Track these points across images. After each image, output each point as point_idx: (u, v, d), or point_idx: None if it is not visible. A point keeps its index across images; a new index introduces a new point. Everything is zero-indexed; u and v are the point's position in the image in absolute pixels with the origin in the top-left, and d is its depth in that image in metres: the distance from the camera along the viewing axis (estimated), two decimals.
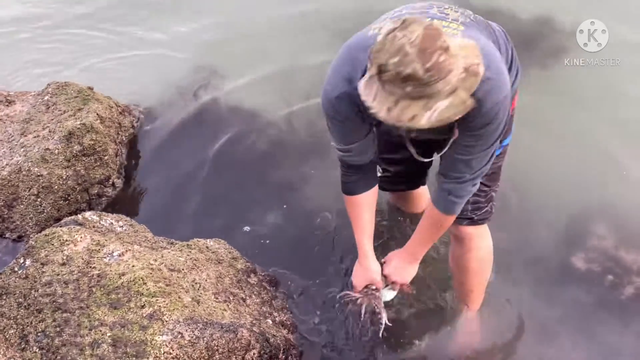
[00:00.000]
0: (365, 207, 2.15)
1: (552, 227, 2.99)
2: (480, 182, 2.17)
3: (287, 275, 2.83)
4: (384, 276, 2.21)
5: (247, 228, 3.06)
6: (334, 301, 2.75)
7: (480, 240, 2.39)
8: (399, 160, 2.41)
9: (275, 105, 3.78)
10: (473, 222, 2.29)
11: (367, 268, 2.17)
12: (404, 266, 2.20)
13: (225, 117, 3.70)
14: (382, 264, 2.22)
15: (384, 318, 2.17)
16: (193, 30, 4.62)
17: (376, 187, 2.20)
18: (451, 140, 1.87)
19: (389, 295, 2.25)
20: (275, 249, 2.97)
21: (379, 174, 2.61)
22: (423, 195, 2.78)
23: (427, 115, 1.46)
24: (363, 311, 2.17)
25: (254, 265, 2.77)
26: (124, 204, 3.16)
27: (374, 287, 2.17)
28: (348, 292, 2.25)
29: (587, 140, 3.43)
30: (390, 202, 3.00)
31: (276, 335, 2.41)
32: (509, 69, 1.99)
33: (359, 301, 2.17)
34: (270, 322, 2.50)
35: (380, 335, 2.22)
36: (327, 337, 2.64)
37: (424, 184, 2.68)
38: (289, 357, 2.46)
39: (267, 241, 3.00)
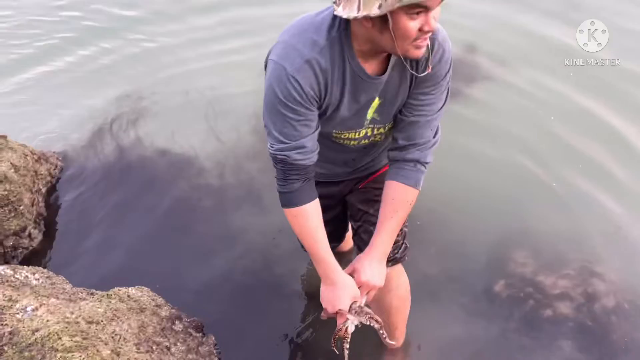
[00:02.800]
0: (317, 218, 1.97)
1: (474, 256, 3.11)
2: None
3: (215, 320, 2.81)
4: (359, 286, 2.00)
5: (172, 275, 3.02)
6: (262, 343, 2.75)
7: (399, 278, 2.41)
8: (328, 222, 2.33)
9: (202, 144, 3.82)
10: (396, 261, 2.30)
11: (345, 285, 1.95)
12: (378, 267, 2.02)
13: (148, 160, 3.70)
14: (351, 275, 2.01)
15: (381, 325, 1.97)
16: (111, 62, 4.71)
17: (318, 199, 2.02)
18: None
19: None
20: (202, 294, 2.96)
21: None
22: (347, 241, 2.81)
23: None
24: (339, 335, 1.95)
25: (179, 312, 2.73)
26: (42, 255, 3.10)
27: (358, 304, 1.95)
28: (339, 327, 1.96)
29: (505, 168, 3.61)
30: None
31: None
32: None
33: (349, 327, 1.94)
34: None
35: (387, 341, 2.11)
36: None
37: (347, 231, 2.70)
38: None
39: (194, 287, 2.99)
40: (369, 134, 1.99)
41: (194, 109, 4.10)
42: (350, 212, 2.40)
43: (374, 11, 1.47)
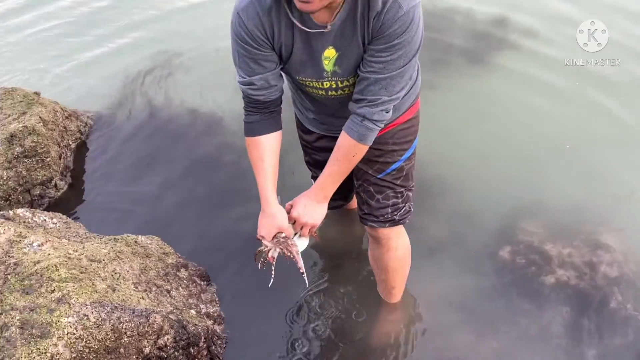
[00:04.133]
0: (267, 149, 2.06)
1: (483, 223, 3.13)
2: (396, 184, 2.29)
3: (222, 271, 2.94)
4: (293, 221, 2.08)
5: (187, 228, 3.15)
6: (264, 293, 2.84)
7: (397, 240, 2.46)
8: None
9: (229, 104, 3.89)
10: (395, 223, 2.37)
11: (272, 215, 2.05)
12: (313, 206, 2.09)
13: (176, 117, 3.83)
14: (288, 211, 2.08)
15: (301, 264, 2.04)
16: (140, 28, 4.83)
17: (279, 134, 2.09)
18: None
19: (301, 244, 2.10)
20: (213, 247, 3.07)
21: None
22: (353, 202, 2.90)
23: None
24: (261, 257, 2.03)
25: (186, 261, 2.87)
26: (67, 204, 3.27)
27: (283, 235, 2.03)
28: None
29: (523, 138, 3.58)
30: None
31: (198, 324, 2.50)
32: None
33: (270, 252, 2.02)
34: (194, 312, 2.59)
35: (307, 283, 2.09)
36: (255, 328, 2.74)
37: (353, 191, 2.72)
38: (212, 346, 2.55)
39: (207, 241, 3.10)
40: (333, 87, 2.02)
41: (224, 68, 4.10)
42: (353, 171, 2.43)
43: None
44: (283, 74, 2.07)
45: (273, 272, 2.05)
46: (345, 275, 2.90)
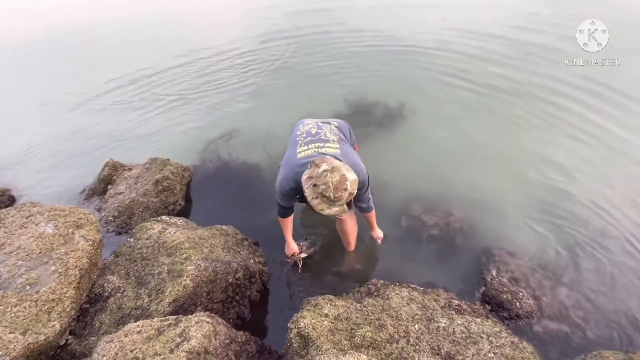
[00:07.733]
0: (290, 222, 2.56)
1: (396, 207, 3.19)
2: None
3: (265, 242, 3.01)
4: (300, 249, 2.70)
5: (248, 222, 3.19)
6: (285, 258, 2.96)
7: (351, 218, 2.68)
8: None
9: (260, 159, 3.85)
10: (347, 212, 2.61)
11: (291, 247, 2.65)
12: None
13: (237, 167, 3.81)
14: (298, 244, 2.69)
15: (300, 266, 2.71)
16: (223, 105, 4.61)
17: (293, 216, 2.53)
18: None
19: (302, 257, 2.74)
20: (261, 230, 3.11)
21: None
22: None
23: (329, 210, 1.99)
24: (292, 262, 2.66)
25: (246, 236, 3.02)
26: (185, 213, 3.39)
27: (303, 248, 2.71)
28: (286, 259, 2.71)
29: (421, 162, 3.59)
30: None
31: (255, 267, 2.72)
32: (352, 143, 2.47)
33: (290, 261, 2.69)
34: (252, 261, 2.79)
35: (300, 271, 2.68)
36: (284, 273, 2.86)
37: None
38: (262, 277, 2.76)
39: (257, 227, 3.14)
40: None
41: (259, 140, 4.04)
42: None
43: None
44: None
45: (301, 266, 2.69)
46: (328, 240, 3.01)
